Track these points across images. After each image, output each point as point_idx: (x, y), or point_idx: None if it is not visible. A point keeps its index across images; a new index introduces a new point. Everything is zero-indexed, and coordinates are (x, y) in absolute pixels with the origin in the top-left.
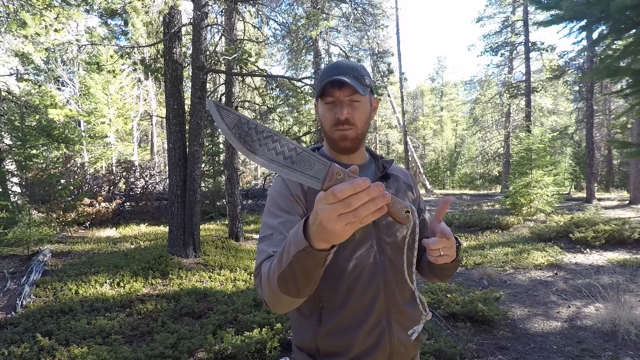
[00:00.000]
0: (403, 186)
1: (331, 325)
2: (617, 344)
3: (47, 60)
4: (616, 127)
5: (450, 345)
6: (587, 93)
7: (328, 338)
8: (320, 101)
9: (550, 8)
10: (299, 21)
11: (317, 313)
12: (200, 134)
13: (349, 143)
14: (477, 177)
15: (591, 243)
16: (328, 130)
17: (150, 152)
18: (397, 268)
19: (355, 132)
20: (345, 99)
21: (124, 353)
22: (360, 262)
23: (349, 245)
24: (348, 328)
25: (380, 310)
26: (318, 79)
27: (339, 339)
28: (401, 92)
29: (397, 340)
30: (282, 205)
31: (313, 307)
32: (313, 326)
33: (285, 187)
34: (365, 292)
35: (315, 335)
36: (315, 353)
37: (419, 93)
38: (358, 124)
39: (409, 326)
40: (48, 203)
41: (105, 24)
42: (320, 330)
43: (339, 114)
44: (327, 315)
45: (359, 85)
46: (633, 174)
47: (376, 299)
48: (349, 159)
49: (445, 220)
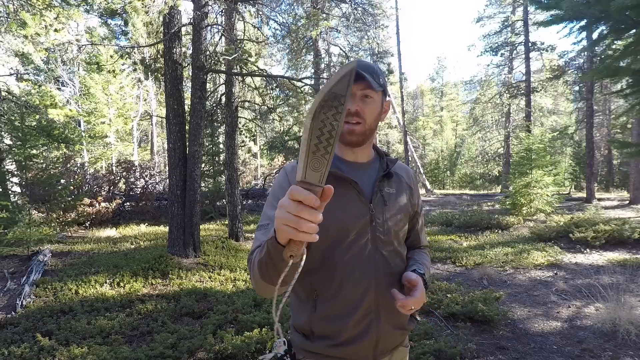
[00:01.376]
0: (404, 187)
1: (324, 312)
2: (617, 344)
3: (47, 60)
4: (616, 127)
5: (450, 345)
6: (587, 93)
7: (321, 323)
8: None
9: (550, 8)
10: (299, 21)
11: (312, 299)
12: (200, 134)
13: (355, 137)
14: (477, 177)
15: (591, 243)
16: None
17: (150, 152)
18: (389, 265)
19: (363, 127)
20: (359, 92)
21: (124, 353)
22: (354, 257)
23: (345, 241)
24: (339, 316)
25: (370, 303)
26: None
27: (331, 325)
28: (401, 92)
29: (384, 330)
30: (280, 197)
31: (310, 294)
32: (308, 311)
33: (286, 180)
34: (357, 285)
35: (310, 319)
36: (309, 334)
37: (419, 93)
38: (367, 120)
39: (396, 319)
40: (48, 203)
41: (105, 24)
42: (314, 315)
43: (349, 106)
44: (321, 303)
45: (373, 82)
46: (633, 174)
47: (367, 292)
48: (354, 155)
49: (445, 220)
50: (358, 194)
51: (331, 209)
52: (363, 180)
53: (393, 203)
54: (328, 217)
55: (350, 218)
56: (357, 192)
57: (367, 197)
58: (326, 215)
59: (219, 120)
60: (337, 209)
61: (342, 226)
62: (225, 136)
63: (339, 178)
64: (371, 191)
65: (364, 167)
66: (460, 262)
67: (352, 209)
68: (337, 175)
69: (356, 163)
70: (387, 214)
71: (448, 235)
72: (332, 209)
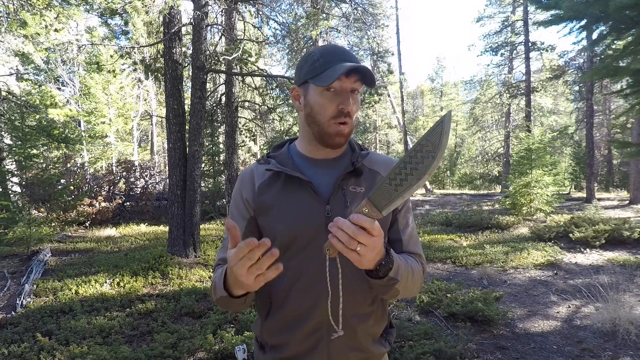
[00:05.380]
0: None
1: (274, 322)
2: (617, 344)
3: (47, 60)
4: (616, 127)
5: (450, 345)
6: (587, 93)
7: (270, 333)
8: (318, 87)
9: (550, 8)
10: (299, 21)
11: (267, 308)
12: (200, 134)
13: (344, 139)
14: (477, 177)
15: (591, 243)
16: (324, 122)
17: (150, 152)
18: (347, 276)
19: (350, 127)
20: (351, 86)
21: (124, 353)
22: (304, 264)
23: (293, 246)
24: (287, 328)
25: (323, 317)
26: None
27: (279, 336)
28: (401, 92)
29: (337, 349)
30: (234, 208)
31: (265, 302)
32: (261, 320)
33: (238, 190)
34: (305, 296)
35: (262, 329)
36: (264, 344)
37: (418, 93)
38: (353, 119)
39: (355, 338)
40: (48, 203)
41: (105, 23)
42: (265, 324)
43: (344, 105)
44: (273, 312)
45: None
46: (633, 174)
47: (317, 305)
48: (325, 152)
49: (445, 220)
50: (313, 194)
51: (282, 212)
52: (323, 178)
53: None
54: (278, 221)
55: (298, 221)
56: (311, 192)
57: (324, 197)
58: (276, 219)
59: (219, 120)
60: (287, 212)
61: (290, 230)
62: (225, 136)
63: (291, 178)
64: (330, 190)
65: (330, 164)
66: (460, 261)
67: (304, 211)
68: (289, 174)
69: (323, 160)
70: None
71: (448, 235)
72: (283, 212)
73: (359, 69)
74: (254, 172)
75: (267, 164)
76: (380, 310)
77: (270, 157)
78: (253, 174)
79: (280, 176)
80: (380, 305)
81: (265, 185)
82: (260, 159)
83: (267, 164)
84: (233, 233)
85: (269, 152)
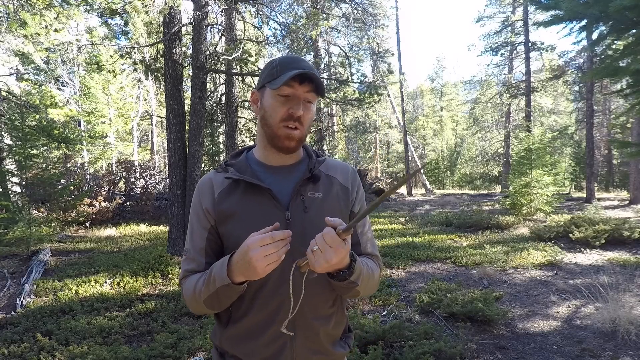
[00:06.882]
0: (336, 190)
1: (234, 330)
2: (617, 344)
3: (47, 60)
4: (616, 127)
5: (450, 345)
6: (587, 93)
7: (231, 342)
8: (272, 91)
9: (550, 8)
10: (299, 21)
11: (227, 317)
12: (200, 134)
13: (294, 143)
14: (477, 177)
15: (591, 243)
16: (275, 124)
17: (150, 152)
18: (309, 281)
19: (301, 133)
20: (304, 95)
21: (124, 353)
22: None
23: None
24: (248, 336)
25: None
26: (273, 66)
27: (240, 346)
28: (401, 92)
29: (300, 354)
30: (194, 217)
31: (225, 310)
32: (221, 328)
33: (197, 200)
34: (269, 302)
35: (221, 337)
36: (224, 354)
37: (418, 93)
38: (305, 126)
39: (317, 342)
40: (48, 203)
41: (106, 23)
42: (224, 333)
43: (294, 110)
44: (233, 321)
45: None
46: (633, 174)
47: (279, 310)
48: (281, 159)
49: (445, 220)
50: (273, 201)
51: (244, 220)
52: (282, 185)
53: (317, 209)
54: (239, 228)
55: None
56: (271, 199)
57: (283, 203)
58: (238, 226)
59: (219, 120)
60: (248, 219)
61: None
62: (225, 136)
63: (251, 186)
64: (289, 197)
65: (287, 170)
66: (460, 261)
67: (265, 218)
68: (250, 182)
69: (280, 167)
70: (307, 222)
71: (448, 235)
72: (244, 219)
73: (308, 75)
74: (212, 180)
75: (225, 172)
76: (340, 312)
77: (229, 165)
78: (212, 182)
79: (239, 184)
80: (340, 307)
81: (224, 193)
82: (218, 167)
83: (226, 172)
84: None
85: (227, 160)
